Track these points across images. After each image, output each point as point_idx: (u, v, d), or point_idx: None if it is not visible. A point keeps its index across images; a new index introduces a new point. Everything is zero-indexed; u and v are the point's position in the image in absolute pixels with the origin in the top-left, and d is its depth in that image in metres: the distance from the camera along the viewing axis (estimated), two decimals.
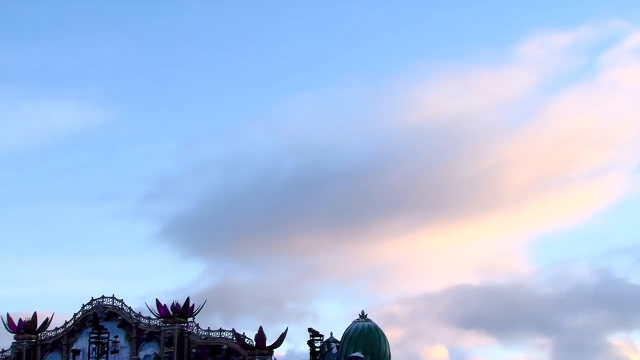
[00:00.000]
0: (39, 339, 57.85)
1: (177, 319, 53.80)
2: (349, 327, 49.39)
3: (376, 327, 49.21)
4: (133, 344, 54.78)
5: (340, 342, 48.98)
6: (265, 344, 51.13)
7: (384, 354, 48.41)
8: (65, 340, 56.99)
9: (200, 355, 53.06)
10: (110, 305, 56.25)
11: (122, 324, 55.40)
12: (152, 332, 54.44)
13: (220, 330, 53.23)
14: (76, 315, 57.19)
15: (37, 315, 58.19)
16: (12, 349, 57.94)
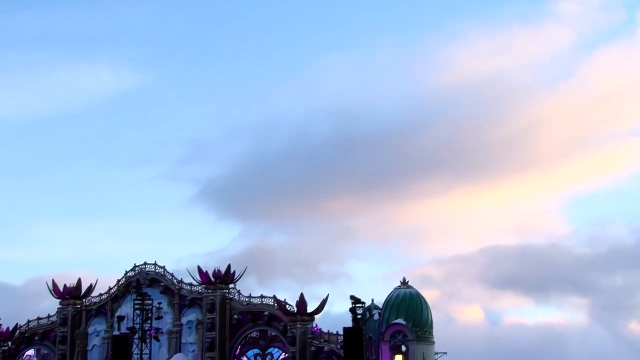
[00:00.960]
0: (84, 304, 58.81)
1: (218, 286, 54.33)
2: (391, 294, 49.41)
3: (418, 294, 49.16)
4: (175, 309, 55.47)
5: (381, 309, 49.07)
6: (307, 310, 51.50)
7: (426, 321, 48.41)
8: (109, 305, 57.87)
9: (242, 321, 53.61)
10: (153, 271, 56.92)
11: (165, 290, 56.08)
12: (194, 298, 55.05)
13: (261, 297, 53.66)
14: (119, 282, 58.00)
15: (81, 281, 59.18)
16: (57, 314, 59.00)
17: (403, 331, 47.64)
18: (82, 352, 57.56)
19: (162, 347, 54.10)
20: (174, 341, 54.77)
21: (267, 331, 53.02)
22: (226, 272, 54.53)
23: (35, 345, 60.10)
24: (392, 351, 47.65)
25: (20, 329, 60.12)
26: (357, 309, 46.22)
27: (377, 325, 48.63)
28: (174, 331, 54.90)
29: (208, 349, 53.17)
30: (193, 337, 54.48)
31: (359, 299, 46.66)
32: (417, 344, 47.39)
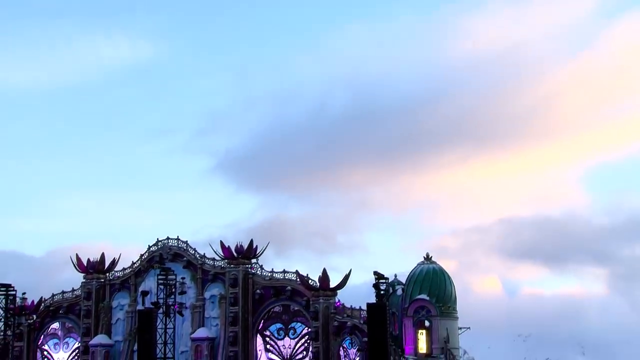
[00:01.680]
0: (107, 278, 59.25)
1: (240, 261, 54.48)
2: (414, 270, 49.33)
3: (441, 270, 49.04)
4: (198, 284, 55.75)
5: (404, 285, 49.03)
6: (329, 285, 51.55)
7: (450, 296, 48.34)
8: (133, 280, 58.27)
9: (264, 296, 53.78)
10: (176, 246, 57.15)
11: (188, 265, 56.33)
12: (217, 273, 55.27)
13: (284, 272, 53.75)
14: (142, 256, 58.31)
15: (104, 255, 59.56)
16: (81, 288, 59.51)
17: (426, 307, 47.61)
18: (106, 326, 58.12)
19: (186, 321, 54.46)
20: (197, 315, 55.11)
21: (289, 306, 53.18)
22: (248, 247, 54.63)
23: (60, 319, 60.70)
24: (415, 326, 47.69)
25: (45, 303, 60.71)
26: (380, 284, 46.30)
27: (401, 301, 48.63)
28: (197, 305, 55.22)
29: (231, 323, 53.47)
30: (216, 311, 54.78)
31: (382, 275, 46.62)
32: (441, 319, 47.38)
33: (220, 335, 53.86)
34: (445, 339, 46.77)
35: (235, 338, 53.15)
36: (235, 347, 53.14)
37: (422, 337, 47.55)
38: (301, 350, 52.51)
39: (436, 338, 47.03)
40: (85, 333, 58.25)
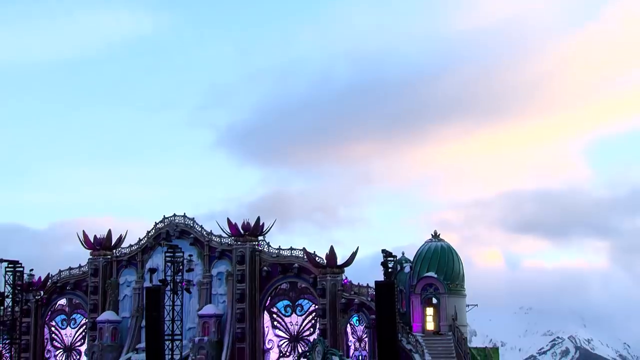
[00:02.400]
0: (114, 255, 59.29)
1: (247, 238, 54.43)
2: (422, 247, 49.24)
3: (449, 247, 48.96)
4: (205, 261, 55.76)
5: (412, 262, 48.98)
6: (337, 262, 51.51)
7: (458, 274, 48.29)
8: (140, 257, 58.31)
9: (272, 273, 53.80)
10: (182, 223, 57.09)
11: (194, 242, 56.31)
12: (224, 250, 55.27)
13: (290, 249, 53.72)
14: (149, 233, 58.28)
15: (111, 232, 59.55)
16: (88, 264, 59.57)
17: (434, 284, 47.59)
18: (113, 302, 58.26)
19: (193, 297, 54.52)
20: (204, 292, 55.19)
21: (296, 283, 53.20)
22: (255, 224, 54.56)
23: (67, 295, 60.86)
24: (423, 304, 47.70)
25: (52, 279, 60.85)
26: (389, 262, 46.22)
27: (408, 278, 48.60)
28: (204, 282, 55.27)
29: (238, 300, 53.54)
30: (223, 288, 54.85)
31: (390, 252, 46.48)
32: (449, 296, 47.37)
33: (228, 312, 53.96)
34: (453, 316, 46.81)
35: (242, 315, 53.27)
36: (243, 323, 53.26)
37: (429, 315, 47.58)
38: (308, 327, 52.61)
39: (444, 315, 47.07)
40: (93, 309, 58.41)
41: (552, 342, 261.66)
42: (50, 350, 60.71)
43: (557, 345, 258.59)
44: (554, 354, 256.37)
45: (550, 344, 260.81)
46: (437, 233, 49.80)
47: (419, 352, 44.16)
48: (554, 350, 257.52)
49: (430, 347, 45.05)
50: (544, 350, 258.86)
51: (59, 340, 60.77)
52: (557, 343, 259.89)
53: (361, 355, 49.49)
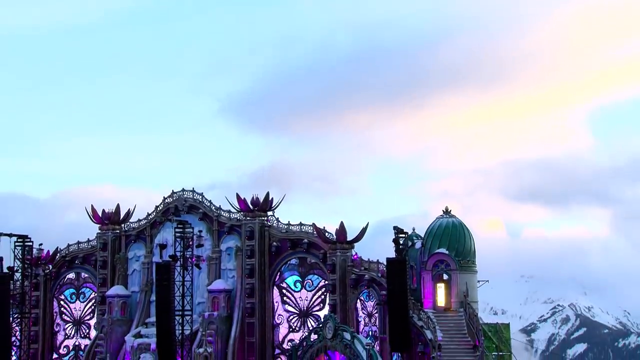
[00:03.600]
0: (123, 229, 59.20)
1: (257, 213, 54.28)
2: (433, 223, 49.02)
3: (461, 223, 48.75)
4: (214, 236, 55.68)
5: (423, 239, 48.83)
6: (347, 238, 51.41)
7: (469, 250, 48.14)
8: (148, 231, 58.23)
9: (281, 249, 53.74)
10: (191, 198, 56.91)
11: (203, 217, 56.18)
12: (233, 225, 55.15)
13: (300, 225, 53.59)
14: (157, 208, 58.13)
15: (119, 207, 59.41)
16: (97, 239, 59.52)
17: (445, 260, 47.44)
18: (122, 277, 58.31)
19: (202, 272, 54.47)
20: (213, 267, 55.18)
21: (306, 258, 53.14)
22: (265, 199, 54.38)
23: (76, 269, 60.90)
24: (434, 280, 47.61)
25: (60, 253, 60.86)
26: (400, 239, 46.17)
27: (419, 254, 48.49)
28: (213, 257, 55.23)
29: (248, 275, 53.56)
30: (232, 263, 54.84)
31: (402, 229, 46.53)
32: (460, 273, 47.26)
33: (237, 287, 54.00)
34: (465, 292, 46.74)
35: (252, 290, 53.31)
36: (252, 299, 53.34)
37: (440, 291, 47.50)
38: (318, 302, 52.69)
39: (455, 292, 47.00)
40: (102, 284, 58.49)
41: (553, 309, 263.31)
42: (59, 323, 60.93)
43: (558, 313, 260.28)
44: (554, 321, 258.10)
45: (550, 312, 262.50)
46: (448, 209, 49.61)
47: (430, 328, 44.13)
48: (555, 318, 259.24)
49: (441, 323, 45.04)
50: (544, 318, 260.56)
51: (68, 314, 60.96)
52: (557, 311, 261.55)
53: (371, 331, 49.59)
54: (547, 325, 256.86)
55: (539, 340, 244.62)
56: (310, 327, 51.76)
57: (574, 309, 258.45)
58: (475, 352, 43.77)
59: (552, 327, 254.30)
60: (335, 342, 44.73)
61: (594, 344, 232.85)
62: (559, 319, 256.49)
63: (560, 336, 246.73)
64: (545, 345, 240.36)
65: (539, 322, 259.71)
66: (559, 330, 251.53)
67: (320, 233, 51.97)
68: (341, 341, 44.47)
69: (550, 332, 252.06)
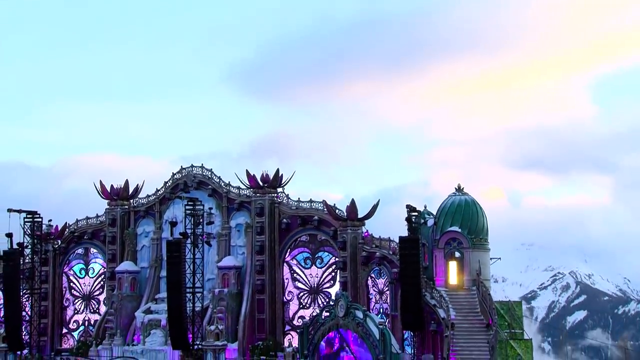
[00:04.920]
0: (132, 205, 58.97)
1: (267, 190, 54.01)
2: (445, 201, 48.78)
3: (473, 201, 48.49)
4: (224, 212, 55.46)
5: (435, 216, 48.61)
6: (357, 215, 51.18)
7: (482, 228, 47.95)
8: (157, 207, 57.98)
9: (291, 225, 53.53)
10: (200, 174, 56.59)
11: (213, 193, 55.91)
12: (243, 201, 54.90)
13: (310, 201, 53.35)
14: (166, 184, 57.83)
15: (128, 182, 59.10)
16: (106, 214, 59.31)
17: (458, 238, 47.29)
18: (131, 252, 58.21)
19: (212, 249, 54.34)
20: (223, 244, 55.03)
21: (316, 235, 52.96)
22: (274, 176, 54.07)
23: (85, 244, 60.78)
24: (446, 258, 47.51)
25: (69, 228, 60.71)
26: (412, 217, 45.86)
27: (431, 232, 48.30)
28: (222, 234, 55.07)
29: (258, 252, 53.43)
30: (242, 240, 54.70)
31: (414, 208, 46.25)
32: (473, 251, 47.15)
33: (247, 264, 53.90)
34: (478, 271, 46.65)
35: (262, 267, 53.24)
36: (262, 275, 53.28)
37: (452, 269, 47.43)
38: (328, 279, 52.63)
39: (468, 270, 46.92)
40: (111, 259, 58.40)
41: (553, 277, 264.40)
42: (68, 298, 60.98)
43: (558, 281, 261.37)
44: (555, 289, 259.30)
45: (551, 279, 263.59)
46: (461, 187, 49.30)
47: (443, 307, 44.06)
48: (555, 286, 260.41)
49: (454, 302, 44.99)
50: (544, 286, 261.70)
51: (78, 289, 60.97)
52: (557, 278, 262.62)
53: (382, 308, 49.61)
54: (547, 292, 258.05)
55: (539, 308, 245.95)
56: (321, 304, 51.83)
57: (574, 277, 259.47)
58: (489, 331, 43.78)
59: (552, 295, 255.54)
60: (347, 321, 44.65)
61: (594, 311, 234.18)
62: (559, 287, 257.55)
63: (560, 304, 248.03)
64: (545, 313, 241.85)
65: (539, 289, 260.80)
66: (559, 297, 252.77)
67: (331, 210, 51.73)
68: (353, 319, 44.38)
69: (550, 299, 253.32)
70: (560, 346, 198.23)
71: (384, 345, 42.38)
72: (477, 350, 42.98)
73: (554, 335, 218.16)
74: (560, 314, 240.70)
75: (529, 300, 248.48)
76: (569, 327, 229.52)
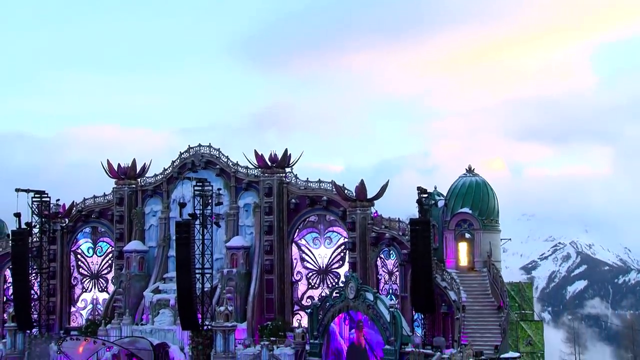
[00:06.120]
0: (139, 184, 58.73)
1: (275, 170, 53.73)
2: (456, 182, 48.57)
3: (484, 182, 48.29)
4: (232, 192, 55.24)
5: (446, 198, 48.41)
6: (366, 195, 50.95)
7: (493, 209, 47.81)
8: (165, 186, 57.75)
9: (300, 206, 53.32)
10: (208, 153, 56.26)
11: (220, 173, 55.64)
12: (251, 181, 54.66)
13: (319, 182, 53.08)
14: (174, 163, 57.54)
15: (135, 161, 58.80)
16: (113, 193, 59.06)
17: (469, 220, 47.17)
18: (139, 232, 58.09)
19: (220, 228, 54.16)
20: (231, 224, 54.87)
21: (325, 215, 52.76)
22: (283, 156, 53.76)
23: (92, 223, 60.59)
24: (456, 240, 47.40)
25: (76, 207, 60.53)
26: (423, 199, 45.62)
27: (441, 214, 48.13)
28: (230, 214, 54.91)
29: (266, 232, 53.30)
30: (250, 220, 54.55)
31: (425, 189, 46.02)
32: (484, 232, 47.03)
33: (255, 244, 53.82)
34: (488, 252, 46.57)
35: (270, 247, 53.15)
36: (271, 255, 53.22)
37: (462, 250, 47.36)
38: (337, 259, 52.53)
39: (478, 252, 46.86)
40: (119, 238, 58.30)
41: (554, 247, 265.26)
42: (76, 277, 60.99)
43: (559, 251, 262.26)
44: (555, 259, 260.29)
45: (551, 250, 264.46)
46: (472, 168, 49.06)
47: (454, 289, 44.02)
48: (555, 256, 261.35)
49: (465, 284, 44.99)
50: (545, 256, 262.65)
51: (86, 268, 60.97)
52: (558, 248, 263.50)
53: (391, 289, 49.59)
54: (548, 262, 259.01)
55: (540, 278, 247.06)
56: (330, 285, 51.84)
57: (575, 247, 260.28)
58: (500, 313, 43.76)
59: (552, 265, 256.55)
60: (357, 303, 44.65)
61: (594, 280, 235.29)
62: (560, 257, 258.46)
63: (561, 273, 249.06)
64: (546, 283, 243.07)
65: (539, 259, 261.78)
66: (559, 267, 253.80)
67: (340, 190, 51.50)
68: (363, 302, 44.37)
69: (550, 269, 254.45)
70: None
71: (395, 327, 42.41)
72: (488, 333, 43.01)
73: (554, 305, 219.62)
74: (560, 284, 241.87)
75: (529, 271, 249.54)
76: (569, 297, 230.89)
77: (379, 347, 43.56)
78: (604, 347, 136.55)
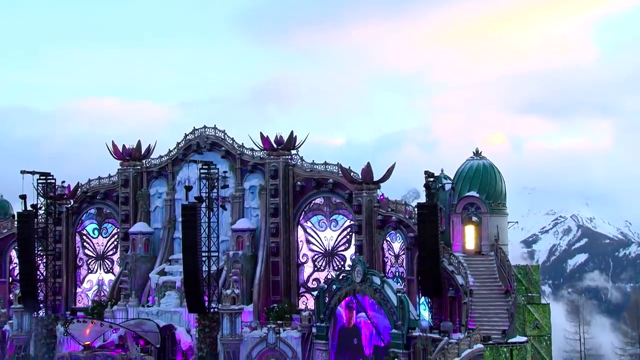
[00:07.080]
0: (144, 166, 58.50)
1: (281, 152, 53.48)
2: (463, 165, 48.34)
3: (491, 165, 48.06)
4: (237, 174, 55.05)
5: (453, 181, 48.22)
6: (373, 178, 50.77)
7: (500, 192, 47.63)
8: (170, 168, 57.54)
9: (305, 188, 53.16)
10: (213, 135, 55.96)
11: (226, 155, 55.38)
12: (256, 163, 54.45)
13: (325, 164, 52.85)
14: (179, 144, 57.25)
15: (140, 142, 58.48)
16: (118, 175, 58.85)
17: (476, 203, 47.00)
18: (145, 213, 57.97)
19: (226, 211, 53.98)
20: (237, 206, 54.76)
21: (331, 198, 52.63)
22: (288, 138, 53.49)
23: (97, 205, 60.46)
24: (463, 223, 47.26)
25: (81, 188, 60.35)
26: (431, 184, 45.42)
27: (448, 197, 47.98)
28: (236, 196, 54.75)
29: (272, 214, 53.18)
30: (256, 202, 54.42)
31: (433, 174, 45.83)
32: (491, 216, 46.88)
33: (261, 226, 53.74)
34: (496, 236, 46.45)
35: (276, 229, 53.06)
36: (277, 238, 53.16)
37: (470, 234, 47.24)
38: (343, 242, 52.46)
39: (485, 235, 46.73)
40: (124, 220, 58.20)
41: (555, 221, 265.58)
42: (82, 258, 61.00)
43: (560, 224, 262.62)
44: (556, 232, 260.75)
45: (552, 223, 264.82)
46: (479, 151, 48.78)
47: (461, 273, 43.93)
48: (556, 229, 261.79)
49: (472, 267, 44.92)
50: (546, 229, 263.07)
51: (91, 249, 60.96)
52: (559, 222, 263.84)
53: (398, 272, 49.58)
54: (549, 236, 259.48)
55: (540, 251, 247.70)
56: (336, 267, 51.85)
57: (576, 220, 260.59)
58: (508, 297, 43.74)
59: (553, 238, 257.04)
60: (364, 287, 44.70)
61: (595, 254, 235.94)
62: (561, 230, 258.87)
63: (562, 247, 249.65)
64: (547, 256, 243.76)
65: (540, 233, 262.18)
66: (560, 241, 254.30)
67: (346, 173, 51.31)
68: (370, 285, 44.41)
69: (551, 243, 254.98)
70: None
71: (402, 312, 42.46)
72: (495, 317, 43.03)
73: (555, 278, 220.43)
74: (561, 257, 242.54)
75: (530, 244, 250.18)
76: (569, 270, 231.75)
77: (386, 331, 43.66)
78: (603, 320, 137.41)
